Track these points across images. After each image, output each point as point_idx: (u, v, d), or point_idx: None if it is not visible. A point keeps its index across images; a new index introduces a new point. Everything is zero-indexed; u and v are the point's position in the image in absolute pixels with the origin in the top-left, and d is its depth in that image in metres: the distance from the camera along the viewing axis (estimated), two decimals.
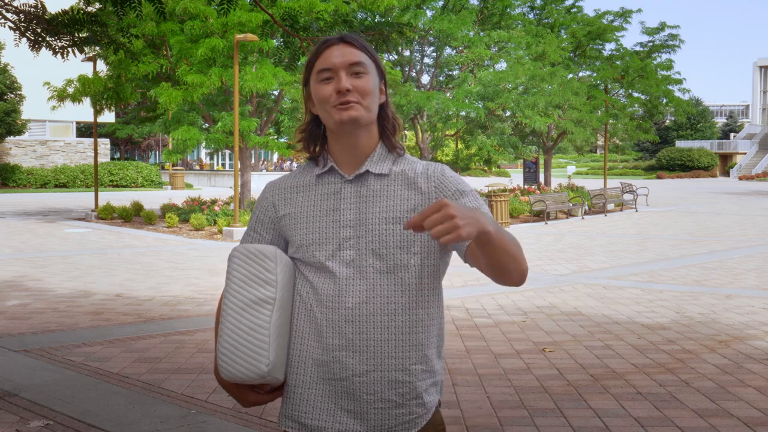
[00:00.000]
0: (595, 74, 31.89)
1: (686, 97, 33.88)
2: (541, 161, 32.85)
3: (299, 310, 1.92)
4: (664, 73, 31.72)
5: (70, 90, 19.56)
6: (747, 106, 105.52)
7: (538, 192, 25.34)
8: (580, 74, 32.61)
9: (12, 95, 36.04)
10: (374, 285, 1.84)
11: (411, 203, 1.88)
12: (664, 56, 32.50)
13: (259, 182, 33.05)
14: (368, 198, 1.88)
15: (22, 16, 7.12)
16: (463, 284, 9.91)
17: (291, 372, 1.92)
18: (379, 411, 1.85)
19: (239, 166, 19.24)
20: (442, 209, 1.52)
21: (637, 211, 25.74)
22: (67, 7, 7.29)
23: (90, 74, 20.08)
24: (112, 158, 57.75)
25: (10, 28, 7.21)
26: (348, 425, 1.85)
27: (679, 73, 32.04)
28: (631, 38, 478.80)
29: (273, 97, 22.52)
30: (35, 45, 7.31)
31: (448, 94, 25.78)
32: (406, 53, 27.10)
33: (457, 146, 28.84)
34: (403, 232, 1.86)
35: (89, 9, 8.33)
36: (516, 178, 42.62)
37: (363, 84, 1.85)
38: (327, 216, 1.89)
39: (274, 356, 1.82)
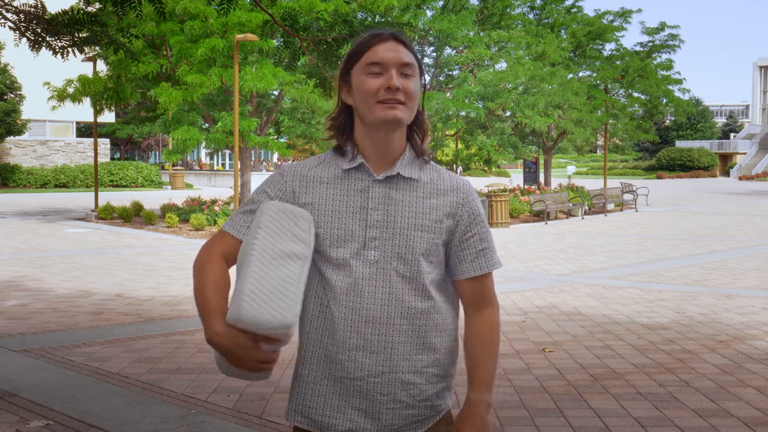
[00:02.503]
0: (595, 74, 31.89)
1: (686, 97, 33.87)
2: (541, 161, 32.85)
3: (313, 305, 1.89)
4: (664, 73, 31.72)
5: (70, 90, 19.56)
6: (747, 106, 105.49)
7: (538, 192, 25.34)
8: (580, 74, 32.60)
9: (12, 95, 36.04)
10: (395, 288, 1.85)
11: (439, 213, 1.89)
12: (664, 56, 32.52)
13: (259, 182, 33.02)
14: (397, 201, 1.87)
15: (22, 16, 7.12)
16: None
17: (302, 366, 1.91)
18: (391, 411, 1.86)
19: (239, 166, 19.24)
20: None
21: (637, 211, 25.73)
22: (67, 7, 7.29)
23: (90, 74, 20.08)
24: (112, 158, 57.74)
25: (10, 28, 7.21)
26: (359, 423, 1.86)
27: (679, 73, 32.05)
28: (631, 38, 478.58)
29: (273, 97, 22.51)
30: (35, 45, 7.31)
31: (448, 94, 25.78)
32: None
33: (457, 146, 28.84)
34: (429, 240, 1.87)
35: (89, 9, 8.33)
36: (516, 178, 42.61)
37: (410, 86, 1.85)
38: (354, 214, 1.87)
39: (298, 311, 1.75)
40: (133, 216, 20.62)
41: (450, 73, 28.35)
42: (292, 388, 1.95)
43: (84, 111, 26.54)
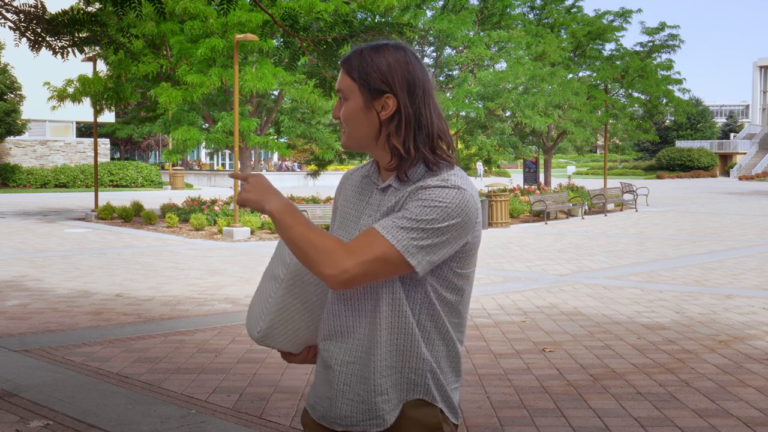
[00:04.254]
0: (595, 74, 31.90)
1: (686, 97, 33.89)
2: (541, 161, 32.85)
3: (320, 302, 2.04)
4: (664, 73, 31.74)
5: (70, 90, 19.57)
6: (747, 106, 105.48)
7: (538, 192, 25.33)
8: (580, 74, 32.61)
9: (12, 95, 36.03)
10: (372, 289, 1.91)
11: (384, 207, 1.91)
12: (664, 56, 32.55)
13: None
14: (380, 208, 1.93)
15: (22, 16, 7.11)
16: None
17: (318, 363, 2.04)
18: (348, 403, 1.92)
19: (239, 166, 19.23)
20: (247, 179, 1.91)
21: (637, 211, 25.73)
22: (67, 7, 7.29)
23: (90, 74, 20.08)
24: (112, 158, 57.73)
25: (10, 28, 7.21)
26: (323, 411, 2.02)
27: (679, 73, 32.08)
28: (631, 38, 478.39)
29: (273, 97, 22.51)
30: (35, 45, 7.30)
31: (448, 94, 25.77)
32: None
33: (457, 146, 28.83)
34: None
35: (89, 9, 8.33)
36: (516, 178, 42.61)
37: (343, 112, 1.95)
38: (354, 218, 1.99)
39: (266, 326, 2.01)
40: (133, 216, 20.62)
41: (450, 73, 28.34)
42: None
43: (84, 111, 26.54)
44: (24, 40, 7.37)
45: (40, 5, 7.17)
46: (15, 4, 7.23)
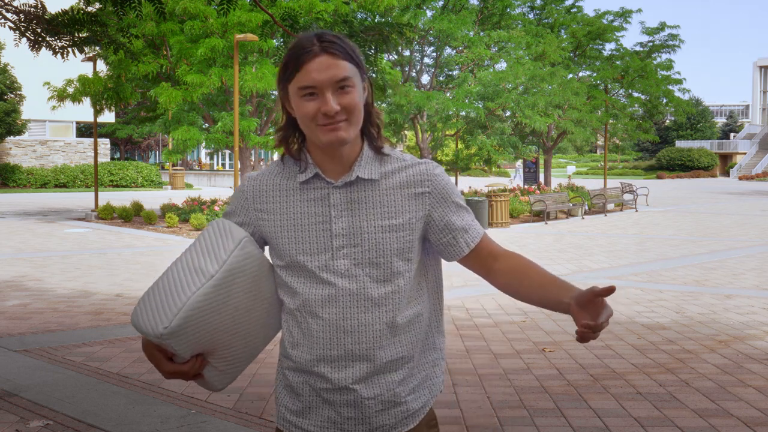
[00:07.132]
0: (595, 74, 31.93)
1: (686, 97, 33.94)
2: (541, 161, 32.87)
3: (288, 321, 1.87)
4: (664, 73, 31.78)
5: (70, 90, 19.58)
6: (747, 106, 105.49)
7: (538, 192, 25.34)
8: (580, 74, 32.64)
9: (12, 95, 36.04)
10: (370, 294, 1.80)
11: (408, 207, 1.82)
12: (664, 56, 32.59)
13: None
14: (360, 205, 1.80)
15: (22, 16, 7.12)
16: (463, 284, 9.90)
17: (285, 380, 1.90)
18: (380, 413, 1.84)
19: (239, 166, 19.24)
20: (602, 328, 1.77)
21: (637, 211, 25.74)
22: (67, 7, 7.30)
23: (90, 74, 20.09)
24: (112, 158, 57.75)
25: (10, 28, 7.21)
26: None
27: (679, 73, 32.12)
28: (631, 38, 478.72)
29: (273, 97, 22.52)
30: (35, 45, 7.31)
31: (448, 94, 25.79)
32: (406, 53, 27.12)
33: (457, 146, 28.85)
34: (401, 239, 1.81)
35: (89, 9, 8.34)
36: (516, 177, 42.60)
37: (350, 100, 1.74)
38: (317, 225, 1.81)
39: (177, 324, 1.71)
40: (133, 216, 20.61)
41: (450, 73, 28.36)
42: (278, 399, 1.94)
43: (84, 111, 26.56)
44: (24, 40, 7.38)
45: (40, 5, 7.18)
46: (15, 4, 7.24)
